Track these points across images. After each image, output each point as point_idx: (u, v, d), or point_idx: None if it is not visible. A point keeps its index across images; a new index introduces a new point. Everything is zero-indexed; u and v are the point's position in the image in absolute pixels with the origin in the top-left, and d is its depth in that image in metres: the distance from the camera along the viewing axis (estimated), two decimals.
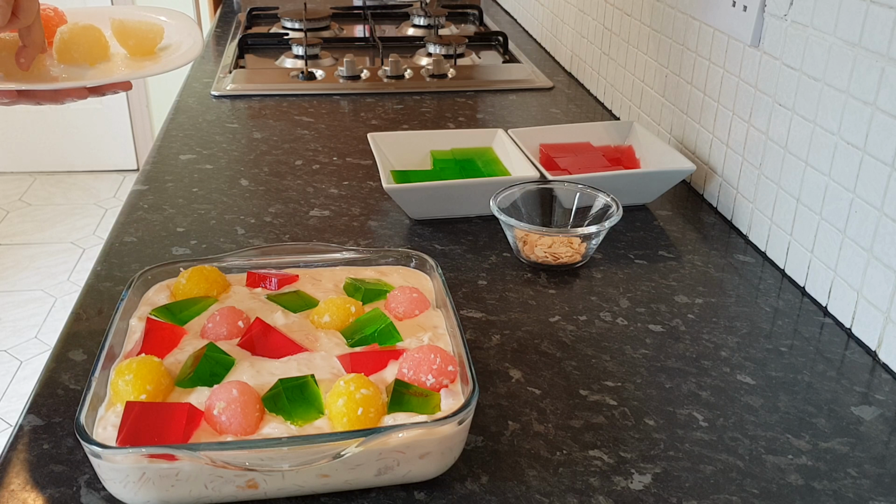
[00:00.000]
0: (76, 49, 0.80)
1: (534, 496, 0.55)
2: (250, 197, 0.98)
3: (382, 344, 0.61)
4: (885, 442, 0.61)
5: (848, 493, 0.56)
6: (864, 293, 0.71)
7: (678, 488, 0.56)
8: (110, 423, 0.52)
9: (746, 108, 0.89)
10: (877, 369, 0.69)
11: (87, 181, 3.35)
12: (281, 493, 0.53)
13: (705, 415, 0.63)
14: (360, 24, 1.91)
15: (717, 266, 0.85)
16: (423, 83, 1.42)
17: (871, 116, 0.69)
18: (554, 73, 1.51)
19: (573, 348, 0.71)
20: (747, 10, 0.87)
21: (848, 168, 0.73)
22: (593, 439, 0.60)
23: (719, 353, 0.70)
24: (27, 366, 2.28)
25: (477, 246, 0.87)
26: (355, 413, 0.52)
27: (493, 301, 0.77)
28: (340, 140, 1.17)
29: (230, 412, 0.52)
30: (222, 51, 1.62)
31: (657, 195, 0.97)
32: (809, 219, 0.79)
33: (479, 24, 1.90)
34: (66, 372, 0.66)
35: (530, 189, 0.88)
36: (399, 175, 0.96)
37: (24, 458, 0.57)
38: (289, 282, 0.69)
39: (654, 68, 1.12)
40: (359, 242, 0.87)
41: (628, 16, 1.21)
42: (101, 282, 0.79)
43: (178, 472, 0.50)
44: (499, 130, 1.04)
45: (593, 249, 0.84)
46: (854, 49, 0.71)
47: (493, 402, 0.64)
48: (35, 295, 2.58)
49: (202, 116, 1.25)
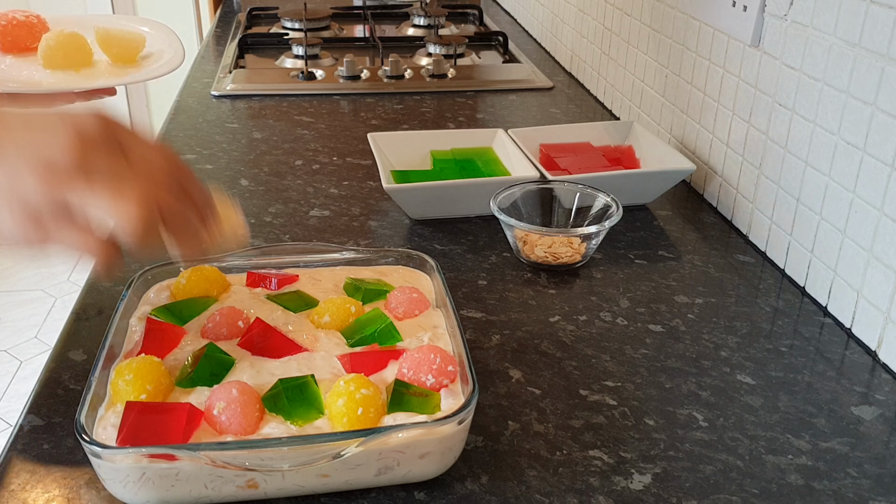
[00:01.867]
0: (62, 55, 0.81)
1: (534, 496, 0.55)
2: (250, 197, 0.98)
3: (382, 344, 0.61)
4: (885, 442, 0.61)
5: (848, 493, 0.56)
6: (864, 293, 0.71)
7: (678, 488, 0.56)
8: (110, 423, 0.52)
9: (746, 108, 0.89)
10: (877, 369, 0.69)
11: None
12: (281, 493, 0.53)
13: (705, 415, 0.63)
14: (360, 24, 1.91)
15: (717, 266, 0.85)
16: (423, 83, 1.42)
17: (871, 116, 0.69)
18: (554, 73, 1.51)
19: (573, 348, 0.71)
20: (747, 10, 0.87)
21: (848, 168, 0.73)
22: (593, 439, 0.60)
23: (719, 353, 0.70)
24: (27, 366, 2.28)
25: (477, 246, 0.87)
26: (355, 413, 0.52)
27: (493, 301, 0.77)
28: (340, 140, 1.17)
29: (230, 412, 0.52)
30: (222, 51, 1.62)
31: (657, 195, 0.97)
32: (809, 219, 0.79)
33: (479, 24, 1.90)
34: (66, 372, 0.66)
35: (530, 189, 0.88)
36: (399, 175, 0.96)
37: (24, 458, 0.57)
38: (289, 282, 0.69)
39: (654, 68, 1.12)
40: (359, 242, 0.87)
41: (628, 16, 1.21)
42: (101, 282, 0.79)
43: (178, 472, 0.50)
44: (499, 130, 1.04)
45: (593, 249, 0.84)
46: (854, 49, 0.71)
47: (493, 402, 0.64)
48: (35, 295, 2.58)
49: (202, 116, 1.25)
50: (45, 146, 0.46)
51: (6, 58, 0.84)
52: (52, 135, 0.47)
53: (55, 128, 0.47)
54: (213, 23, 1.95)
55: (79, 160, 0.46)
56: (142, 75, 0.82)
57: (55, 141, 0.47)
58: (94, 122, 0.49)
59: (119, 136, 0.49)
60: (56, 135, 0.47)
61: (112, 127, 0.49)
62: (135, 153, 0.50)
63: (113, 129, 0.49)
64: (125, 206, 0.46)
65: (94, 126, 0.48)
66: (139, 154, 0.50)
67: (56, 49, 0.81)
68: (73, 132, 0.47)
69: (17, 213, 0.45)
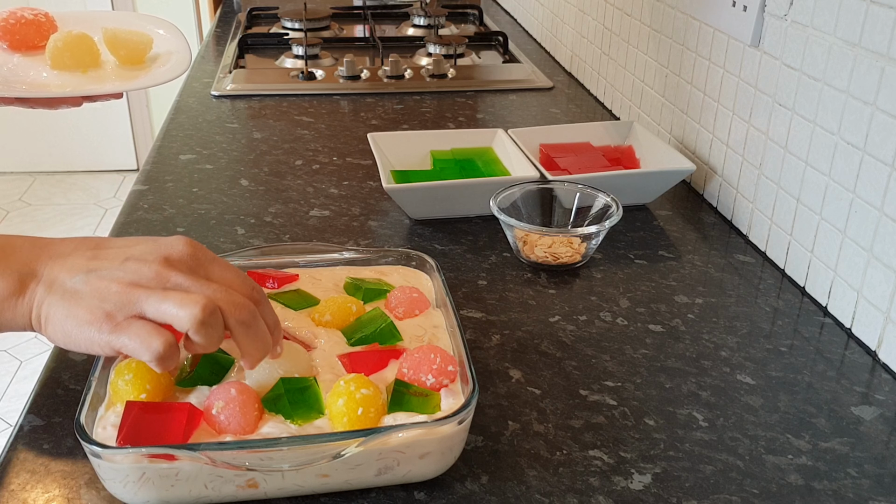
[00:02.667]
0: (70, 57, 0.81)
1: (534, 496, 0.55)
2: (250, 197, 0.98)
3: (383, 343, 0.61)
4: (885, 442, 0.61)
5: (848, 493, 0.56)
6: (864, 293, 0.71)
7: (678, 488, 0.56)
8: (110, 423, 0.52)
9: (746, 108, 0.89)
10: (877, 369, 0.69)
11: (87, 181, 3.36)
12: (281, 493, 0.53)
13: (705, 415, 0.63)
14: (360, 24, 1.91)
15: (717, 266, 0.85)
16: (423, 83, 1.42)
17: (871, 116, 0.69)
18: (554, 73, 1.51)
19: (573, 348, 0.71)
20: (747, 10, 0.87)
21: (848, 168, 0.73)
22: (593, 439, 0.60)
23: (719, 353, 0.70)
24: (27, 366, 2.28)
25: (477, 246, 0.87)
26: (355, 413, 0.52)
27: (493, 301, 0.77)
28: (340, 140, 1.17)
29: (229, 411, 0.52)
30: (222, 51, 1.62)
31: (657, 195, 0.97)
32: (809, 219, 0.79)
33: (479, 24, 1.90)
34: (66, 372, 0.66)
35: (530, 189, 0.88)
36: (399, 175, 0.96)
37: (24, 458, 0.57)
38: (289, 281, 0.69)
39: (654, 68, 1.12)
40: (359, 242, 0.87)
41: (628, 16, 1.21)
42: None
43: (178, 471, 0.50)
44: (499, 130, 1.04)
45: (593, 249, 0.84)
46: (854, 49, 0.71)
47: (493, 402, 0.63)
48: None
49: (202, 116, 1.25)
50: (133, 263, 0.52)
51: (14, 56, 0.84)
52: (142, 255, 0.52)
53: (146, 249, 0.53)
54: (213, 23, 1.95)
55: (160, 277, 0.51)
56: (149, 80, 0.82)
57: (143, 260, 0.52)
58: (183, 246, 0.53)
59: (203, 259, 0.54)
60: (145, 255, 0.52)
61: (198, 252, 0.54)
62: (215, 274, 0.53)
63: (198, 254, 0.54)
64: (190, 301, 0.49)
65: (182, 250, 0.53)
66: (219, 275, 0.53)
67: (64, 50, 0.81)
68: (161, 255, 0.52)
69: (95, 316, 0.50)
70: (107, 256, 0.53)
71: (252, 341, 0.52)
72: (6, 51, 0.84)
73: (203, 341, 0.50)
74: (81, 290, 0.51)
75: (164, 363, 0.49)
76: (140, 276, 0.51)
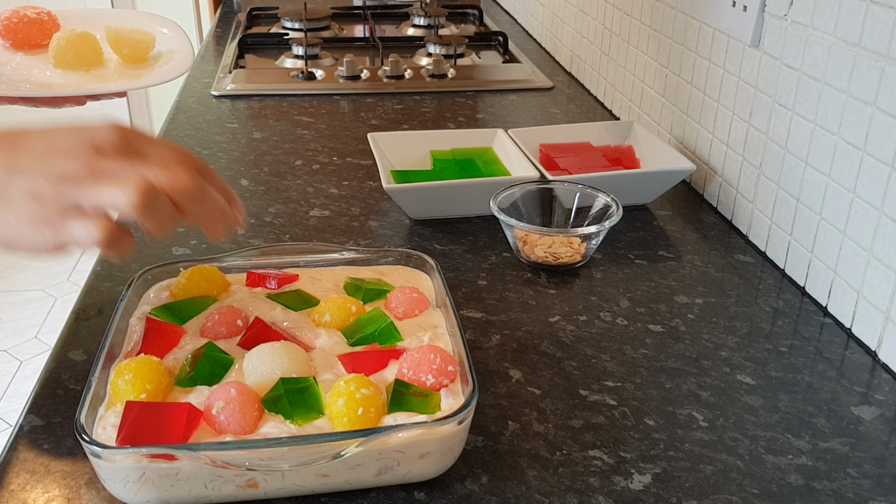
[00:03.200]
0: (73, 55, 0.81)
1: (534, 496, 0.55)
2: (250, 197, 0.98)
3: (383, 343, 0.61)
4: (885, 442, 0.61)
5: (848, 493, 0.56)
6: (864, 293, 0.71)
7: (678, 488, 0.56)
8: (110, 423, 0.52)
9: (746, 108, 0.89)
10: (877, 369, 0.69)
11: None
12: (281, 493, 0.53)
13: (705, 415, 0.63)
14: (360, 24, 1.91)
15: (717, 266, 0.85)
16: (423, 83, 1.42)
17: (871, 116, 0.69)
18: (554, 73, 1.51)
19: (573, 348, 0.71)
20: (747, 10, 0.87)
21: (848, 168, 0.73)
22: (593, 439, 0.60)
23: (719, 353, 0.70)
24: (27, 366, 2.28)
25: (477, 246, 0.87)
26: (355, 413, 0.52)
27: (493, 301, 0.77)
28: (340, 140, 1.17)
29: (229, 411, 0.52)
30: (222, 51, 1.62)
31: (657, 195, 0.97)
32: (809, 219, 0.79)
33: (479, 24, 1.90)
34: (66, 372, 0.66)
35: (530, 189, 0.88)
36: (399, 175, 0.96)
37: (24, 458, 0.57)
38: (289, 281, 0.69)
39: (654, 68, 1.12)
40: (359, 242, 0.87)
41: (628, 16, 1.21)
42: (101, 282, 0.79)
43: (178, 471, 0.50)
44: (499, 130, 1.04)
45: (593, 249, 0.84)
46: (854, 49, 0.71)
47: (493, 402, 0.63)
48: (35, 295, 2.58)
49: (202, 116, 1.25)
50: (59, 158, 0.49)
51: (17, 55, 0.84)
52: (67, 147, 0.49)
53: (70, 140, 0.49)
54: (213, 23, 1.95)
55: (91, 167, 0.48)
56: (152, 79, 0.82)
57: (69, 152, 0.49)
58: (109, 132, 0.51)
59: (134, 141, 0.51)
60: (70, 147, 0.49)
61: (127, 135, 0.51)
62: (149, 153, 0.51)
63: (128, 136, 0.51)
64: (124, 185, 0.48)
65: (109, 136, 0.50)
66: (154, 153, 0.51)
67: (67, 49, 0.81)
68: (88, 143, 0.49)
69: (32, 219, 0.48)
70: (28, 151, 0.49)
71: (206, 212, 0.51)
72: (9, 50, 0.84)
73: (150, 224, 0.48)
74: (9, 194, 0.48)
75: (114, 248, 0.48)
76: (68, 168, 0.48)
